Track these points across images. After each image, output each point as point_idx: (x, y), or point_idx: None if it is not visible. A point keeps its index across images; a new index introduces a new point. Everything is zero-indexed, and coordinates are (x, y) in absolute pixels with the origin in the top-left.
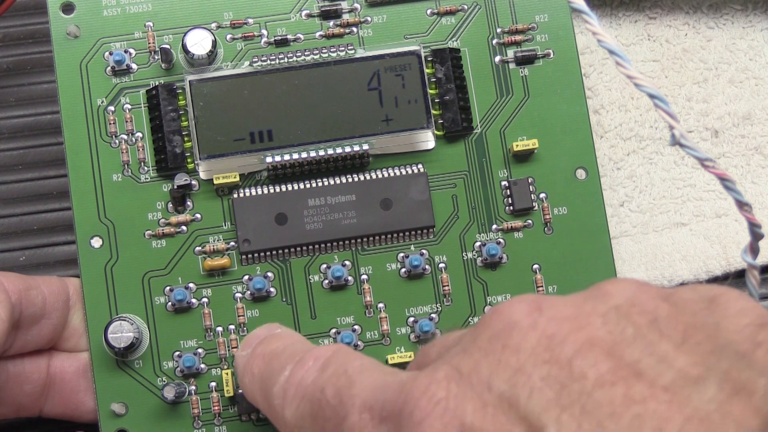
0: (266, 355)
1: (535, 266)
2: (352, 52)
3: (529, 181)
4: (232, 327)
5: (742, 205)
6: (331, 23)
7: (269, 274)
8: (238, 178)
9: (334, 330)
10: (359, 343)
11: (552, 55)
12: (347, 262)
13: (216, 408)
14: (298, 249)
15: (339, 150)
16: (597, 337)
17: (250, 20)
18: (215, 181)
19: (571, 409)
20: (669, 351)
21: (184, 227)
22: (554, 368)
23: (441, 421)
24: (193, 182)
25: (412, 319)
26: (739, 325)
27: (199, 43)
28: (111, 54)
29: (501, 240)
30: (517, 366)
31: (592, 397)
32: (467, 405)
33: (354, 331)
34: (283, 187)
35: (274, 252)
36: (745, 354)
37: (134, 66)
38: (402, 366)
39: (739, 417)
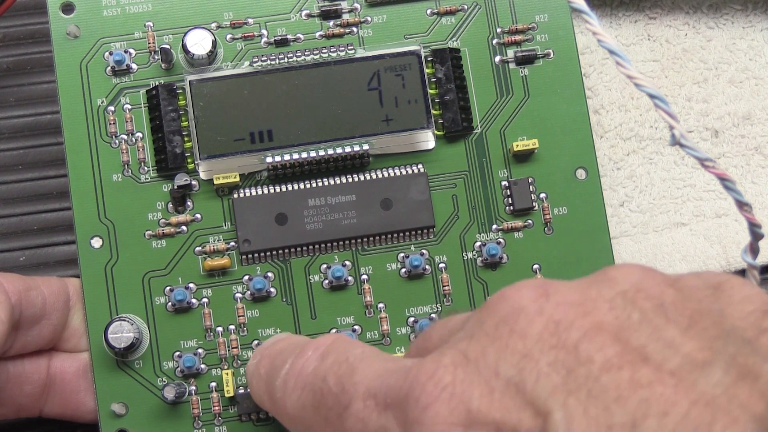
0: (271, 355)
1: (535, 266)
2: (352, 52)
3: (529, 181)
4: (232, 327)
5: (742, 205)
6: (331, 23)
7: (269, 274)
8: (238, 178)
9: (334, 330)
10: None
11: (552, 55)
12: (347, 262)
13: (216, 408)
14: (298, 249)
15: (339, 150)
16: (603, 322)
17: (250, 20)
18: (215, 181)
19: (578, 393)
20: (675, 336)
21: (184, 227)
22: (561, 353)
23: (447, 406)
24: (193, 182)
25: (412, 319)
26: (743, 311)
27: (199, 43)
28: (111, 54)
29: (501, 240)
30: (524, 351)
31: (599, 381)
32: (474, 390)
33: (354, 331)
34: (283, 187)
35: (274, 252)
36: (750, 340)
37: (134, 66)
38: None
39: (745, 401)
